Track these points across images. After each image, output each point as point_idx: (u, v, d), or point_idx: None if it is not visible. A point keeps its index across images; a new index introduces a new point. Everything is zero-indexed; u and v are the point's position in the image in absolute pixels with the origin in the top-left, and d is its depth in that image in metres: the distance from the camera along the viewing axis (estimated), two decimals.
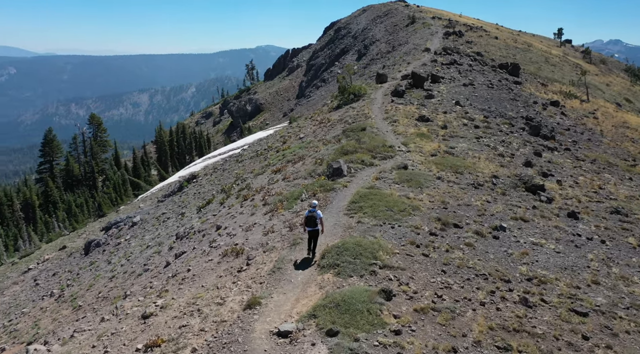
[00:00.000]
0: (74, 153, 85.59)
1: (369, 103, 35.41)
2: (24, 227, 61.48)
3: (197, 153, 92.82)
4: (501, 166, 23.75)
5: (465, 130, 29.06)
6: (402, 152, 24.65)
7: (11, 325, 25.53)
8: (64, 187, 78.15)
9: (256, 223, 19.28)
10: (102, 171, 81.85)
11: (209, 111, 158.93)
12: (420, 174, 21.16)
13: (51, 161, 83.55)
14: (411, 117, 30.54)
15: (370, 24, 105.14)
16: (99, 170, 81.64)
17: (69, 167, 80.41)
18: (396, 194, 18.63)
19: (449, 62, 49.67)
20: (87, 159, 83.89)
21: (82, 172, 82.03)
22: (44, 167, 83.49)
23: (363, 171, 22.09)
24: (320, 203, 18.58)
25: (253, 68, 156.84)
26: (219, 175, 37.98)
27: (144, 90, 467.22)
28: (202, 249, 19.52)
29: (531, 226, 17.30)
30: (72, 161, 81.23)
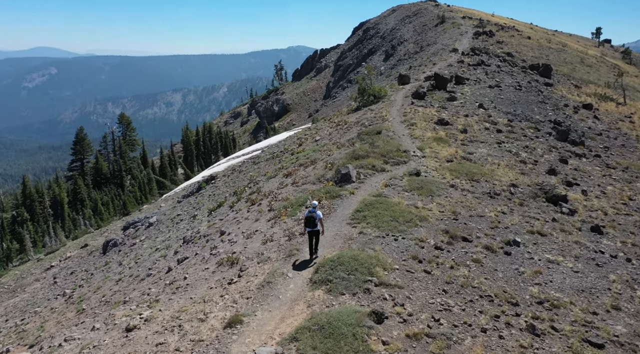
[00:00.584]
0: (103, 152, 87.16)
1: (388, 105, 34.30)
2: (51, 223, 62.79)
3: (222, 153, 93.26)
4: (522, 173, 22.33)
5: (487, 134, 27.64)
6: (417, 158, 23.52)
7: (22, 324, 25.66)
8: (93, 185, 79.67)
9: (258, 230, 18.58)
10: (129, 169, 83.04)
11: (238, 111, 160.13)
12: (433, 182, 20.02)
13: (82, 159, 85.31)
14: (430, 120, 29.30)
15: (399, 24, 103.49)
16: (126, 169, 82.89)
17: (98, 166, 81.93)
18: (404, 203, 17.58)
19: (476, 63, 47.96)
20: (115, 157, 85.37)
21: (111, 171, 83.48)
22: (75, 165, 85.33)
23: (373, 177, 21.10)
24: (324, 211, 17.71)
25: (282, 68, 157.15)
26: (235, 177, 37.57)
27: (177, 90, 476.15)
28: (202, 256, 18.95)
29: (548, 241, 15.96)
30: (101, 160, 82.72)
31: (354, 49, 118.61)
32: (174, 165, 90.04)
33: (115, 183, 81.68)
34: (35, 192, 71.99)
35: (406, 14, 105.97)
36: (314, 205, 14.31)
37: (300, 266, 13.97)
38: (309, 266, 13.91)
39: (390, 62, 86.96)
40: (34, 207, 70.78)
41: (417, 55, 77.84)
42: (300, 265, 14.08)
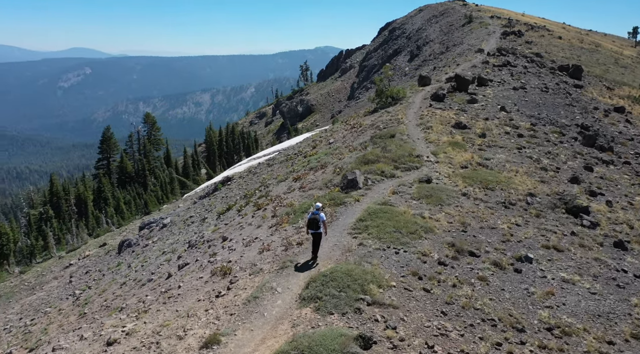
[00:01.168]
0: (129, 151, 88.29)
1: (406, 107, 33.18)
2: (73, 221, 63.77)
3: (245, 153, 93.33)
4: (541, 181, 20.96)
5: (507, 139, 26.25)
6: (430, 163, 22.42)
7: (31, 324, 25.70)
8: (118, 183, 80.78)
9: (257, 238, 17.88)
10: (153, 169, 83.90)
11: (263, 111, 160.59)
12: (444, 189, 18.92)
13: (108, 157, 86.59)
14: (447, 123, 28.08)
15: (425, 24, 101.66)
16: (149, 168, 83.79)
17: (123, 165, 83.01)
18: (410, 213, 16.57)
19: (501, 63, 46.25)
20: (140, 157, 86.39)
21: (135, 170, 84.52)
22: (102, 164, 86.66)
23: (381, 184, 20.13)
24: (327, 219, 16.88)
25: (307, 69, 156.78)
26: (249, 179, 37.08)
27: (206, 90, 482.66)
28: (201, 263, 18.37)
29: (565, 257, 14.70)
30: (126, 159, 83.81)
31: (379, 50, 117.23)
32: (197, 165, 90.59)
33: (139, 182, 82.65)
34: (62, 190, 73.38)
35: (433, 14, 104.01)
36: (317, 207, 14.04)
37: (302, 269, 13.61)
38: (311, 268, 13.58)
39: (415, 62, 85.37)
40: (60, 204, 72.17)
41: (442, 56, 76.17)
42: (302, 267, 13.70)
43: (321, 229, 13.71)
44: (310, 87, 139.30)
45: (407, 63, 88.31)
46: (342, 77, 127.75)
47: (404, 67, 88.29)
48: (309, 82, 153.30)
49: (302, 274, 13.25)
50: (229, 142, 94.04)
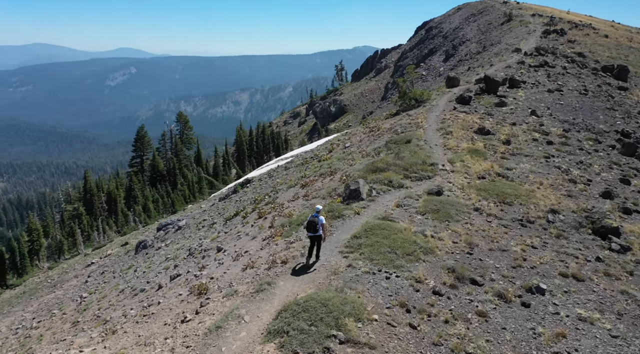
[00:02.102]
0: (162, 149, 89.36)
1: (428, 110, 31.26)
2: (100, 219, 64.65)
3: (274, 154, 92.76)
4: (568, 195, 18.78)
5: (534, 146, 24.00)
6: (445, 172, 20.60)
7: (34, 328, 25.45)
8: (150, 182, 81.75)
9: (247, 251, 16.65)
10: (182, 168, 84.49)
11: (297, 111, 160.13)
12: (454, 203, 17.11)
13: (142, 155, 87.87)
14: (469, 128, 26.05)
15: (462, 22, 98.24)
16: (180, 167, 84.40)
17: (155, 163, 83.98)
18: (411, 230, 14.91)
19: (538, 64, 43.40)
20: (171, 155, 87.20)
21: (167, 169, 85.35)
22: (135, 162, 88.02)
23: (387, 195, 18.52)
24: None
25: (342, 69, 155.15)
26: (264, 182, 36.02)
27: (244, 89, 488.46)
28: (189, 275, 17.32)
29: (585, 289, 12.72)
30: (158, 157, 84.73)
31: (415, 49, 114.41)
32: (227, 165, 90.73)
33: (170, 181, 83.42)
34: (95, 186, 74.80)
35: (471, 12, 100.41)
36: (317, 209, 13.78)
37: (298, 272, 13.23)
38: (308, 272, 13.18)
39: (450, 62, 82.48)
40: (93, 201, 73.60)
41: (479, 56, 73.17)
42: (298, 271, 13.31)
43: (320, 232, 13.41)
44: (344, 87, 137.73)
45: (442, 63, 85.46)
46: (377, 77, 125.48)
47: (438, 68, 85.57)
48: (343, 82, 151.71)
49: (276, 298, 11.90)
50: (259, 143, 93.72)
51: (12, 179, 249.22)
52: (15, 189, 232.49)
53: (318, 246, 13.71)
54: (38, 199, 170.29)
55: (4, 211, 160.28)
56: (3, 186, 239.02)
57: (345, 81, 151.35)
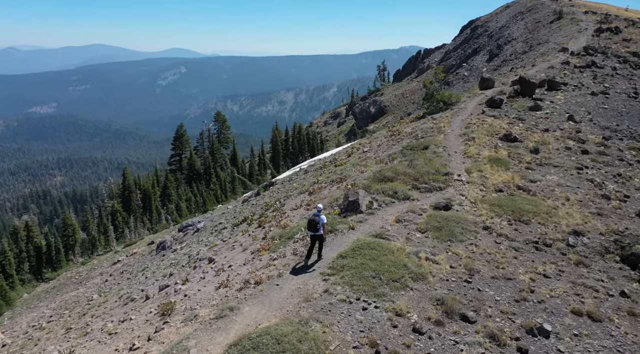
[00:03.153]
0: (200, 148, 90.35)
1: (454, 114, 29.19)
2: (132, 216, 65.64)
3: (309, 154, 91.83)
4: (598, 213, 16.48)
5: (566, 156, 21.61)
6: (460, 183, 18.72)
7: (40, 329, 25.43)
8: (186, 180, 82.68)
9: (231, 266, 15.52)
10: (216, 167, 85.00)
11: (338, 111, 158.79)
12: (460, 220, 15.28)
13: (180, 154, 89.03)
14: (494, 134, 23.89)
15: (509, 21, 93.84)
16: (215, 166, 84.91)
17: (191, 162, 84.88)
18: (405, 251, 13.29)
19: (584, 64, 40.15)
20: (207, 155, 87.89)
21: (203, 168, 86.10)
22: (174, 160, 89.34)
23: (389, 208, 16.90)
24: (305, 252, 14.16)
25: (384, 69, 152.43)
26: (283, 186, 34.93)
27: (290, 89, 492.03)
28: (171, 289, 16.37)
29: (601, 332, 10.69)
30: (195, 156, 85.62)
31: (459, 49, 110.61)
32: (263, 165, 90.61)
33: (206, 180, 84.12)
34: (133, 184, 76.32)
35: (519, 10, 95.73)
36: (319, 208, 13.48)
37: (297, 272, 12.95)
38: (307, 272, 12.82)
39: (494, 63, 78.80)
40: (131, 198, 75.13)
41: (524, 56, 69.48)
42: (298, 270, 13.01)
43: (320, 231, 13.14)
44: (385, 88, 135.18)
45: (485, 63, 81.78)
46: (418, 78, 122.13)
47: (481, 68, 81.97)
48: (385, 82, 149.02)
49: (235, 327, 10.63)
50: (294, 143, 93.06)
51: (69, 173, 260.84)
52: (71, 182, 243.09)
53: (319, 245, 13.55)
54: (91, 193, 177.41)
55: (60, 204, 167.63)
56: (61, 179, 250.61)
57: (387, 82, 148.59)
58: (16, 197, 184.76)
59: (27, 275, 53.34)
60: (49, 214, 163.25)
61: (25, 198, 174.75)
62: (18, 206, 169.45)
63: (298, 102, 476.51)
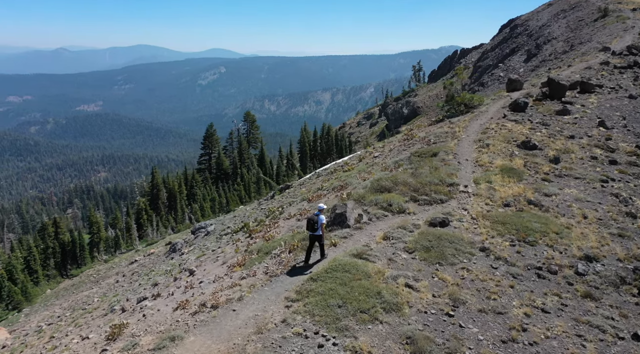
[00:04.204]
0: (229, 148, 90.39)
1: (473, 118, 27.19)
2: (154, 215, 65.93)
3: (337, 156, 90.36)
4: (619, 235, 14.40)
5: (590, 166, 19.39)
6: (464, 195, 16.97)
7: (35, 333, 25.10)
8: (214, 180, 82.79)
9: (202, 282, 14.39)
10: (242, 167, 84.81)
11: (371, 112, 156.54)
12: (455, 239, 13.59)
13: (210, 153, 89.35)
14: (512, 141, 21.85)
15: (551, 19, 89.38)
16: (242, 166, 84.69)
17: (219, 161, 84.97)
18: (384, 275, 11.79)
19: (626, 64, 37.06)
20: (235, 154, 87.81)
21: (231, 167, 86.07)
22: (203, 159, 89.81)
23: (380, 222, 15.37)
24: (280, 270, 12.88)
25: (420, 69, 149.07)
26: (293, 191, 33.73)
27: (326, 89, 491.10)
28: (143, 304, 15.40)
29: None
30: (223, 156, 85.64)
31: (496, 49, 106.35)
32: (290, 165, 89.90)
33: (234, 180, 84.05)
34: (161, 182, 77.02)
35: (562, 8, 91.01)
36: (319, 208, 13.15)
37: (292, 273, 12.55)
38: (304, 273, 12.39)
39: (532, 63, 75.21)
40: (159, 197, 75.85)
41: (564, 56, 65.90)
42: (296, 271, 12.60)
43: (319, 231, 12.78)
44: (420, 89, 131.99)
45: (522, 64, 78.08)
46: (454, 79, 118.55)
47: (517, 68, 78.48)
48: (420, 83, 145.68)
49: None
50: (323, 144, 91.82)
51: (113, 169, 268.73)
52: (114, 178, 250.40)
53: (320, 245, 13.18)
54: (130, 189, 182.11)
55: (102, 198, 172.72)
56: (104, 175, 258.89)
57: (423, 82, 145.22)
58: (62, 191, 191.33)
59: (52, 271, 54.41)
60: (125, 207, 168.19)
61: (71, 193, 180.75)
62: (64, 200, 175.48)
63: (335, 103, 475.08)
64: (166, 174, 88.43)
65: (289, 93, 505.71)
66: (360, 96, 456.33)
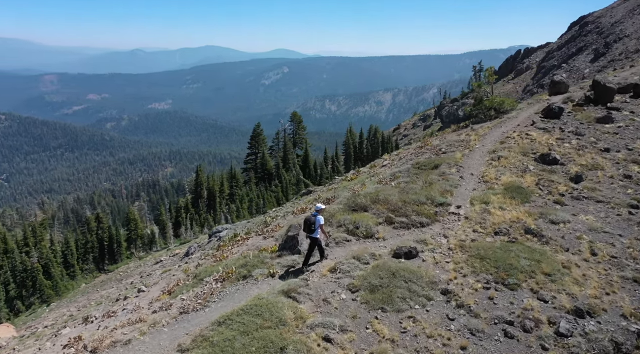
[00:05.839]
0: (275, 148, 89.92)
1: (498, 124, 23.98)
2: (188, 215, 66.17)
3: None
4: (634, 280, 11.21)
5: (620, 188, 15.91)
6: (454, 218, 14.30)
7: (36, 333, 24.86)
8: (258, 180, 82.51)
9: (125, 309, 12.83)
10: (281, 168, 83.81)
11: (427, 113, 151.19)
12: (414, 277, 11.06)
13: (256, 153, 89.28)
14: (532, 153, 18.64)
15: (625, 15, 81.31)
16: (285, 167, 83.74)
17: (264, 161, 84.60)
18: (305, 322, 9.60)
19: None
20: (280, 154, 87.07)
21: (274, 168, 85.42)
22: (250, 159, 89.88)
23: (339, 248, 13.13)
24: (196, 305, 11.02)
25: (481, 70, 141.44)
26: (308, 197, 31.77)
27: (388, 89, 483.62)
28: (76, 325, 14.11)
29: None
30: (267, 156, 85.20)
31: (563, 48, 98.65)
32: (334, 167, 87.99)
33: (278, 180, 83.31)
34: (205, 181, 77.70)
35: (638, 3, 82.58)
36: (317, 208, 12.23)
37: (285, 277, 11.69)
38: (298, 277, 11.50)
39: (599, 63, 68.66)
40: (201, 195, 76.60)
41: (636, 55, 59.95)
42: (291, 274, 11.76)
43: (316, 234, 11.95)
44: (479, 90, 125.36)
45: (588, 64, 71.41)
46: (515, 79, 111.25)
47: (582, 69, 72.04)
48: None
49: None
50: (368, 146, 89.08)
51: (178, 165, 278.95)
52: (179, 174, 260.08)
53: (319, 247, 12.32)
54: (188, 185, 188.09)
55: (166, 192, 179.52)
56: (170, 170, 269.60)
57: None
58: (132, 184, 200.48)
59: (90, 265, 55.96)
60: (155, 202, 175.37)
61: (138, 186, 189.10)
62: (132, 193, 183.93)
63: (396, 103, 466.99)
64: (212, 173, 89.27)
65: (349, 93, 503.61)
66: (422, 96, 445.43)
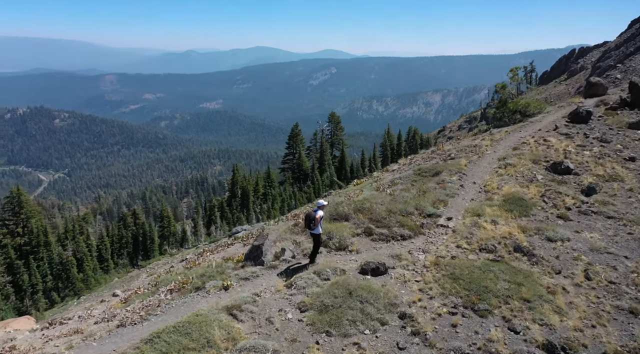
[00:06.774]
0: (312, 148, 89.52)
1: (518, 129, 22.24)
2: (228, 213, 66.69)
3: None
4: (630, 311, 9.59)
5: (637, 203, 14.05)
6: (441, 231, 13.10)
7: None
8: (294, 180, 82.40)
9: (81, 316, 12.47)
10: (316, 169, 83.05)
11: (474, 115, 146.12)
12: (372, 298, 9.96)
13: (294, 153, 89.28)
14: (543, 161, 16.95)
15: None
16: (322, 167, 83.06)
17: (300, 162, 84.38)
18: (236, 345, 8.76)
19: None
20: (316, 155, 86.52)
21: (310, 168, 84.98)
22: (288, 159, 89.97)
23: (306, 261, 12.21)
24: (136, 317, 10.46)
25: (532, 70, 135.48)
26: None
27: (437, 90, 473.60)
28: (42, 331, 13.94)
29: None
30: (304, 156, 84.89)
31: (621, 47, 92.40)
32: (372, 169, 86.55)
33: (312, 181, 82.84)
34: (242, 180, 78.35)
35: None
36: (319, 204, 11.91)
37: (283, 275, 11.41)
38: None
39: None
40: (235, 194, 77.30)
41: None
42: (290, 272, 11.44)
43: (317, 230, 11.55)
44: (529, 92, 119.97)
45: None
46: (568, 81, 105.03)
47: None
48: (532, 85, 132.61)
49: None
50: (406, 148, 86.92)
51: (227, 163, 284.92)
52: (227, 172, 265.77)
53: (314, 244, 11.80)
54: None
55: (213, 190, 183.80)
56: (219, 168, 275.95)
57: (534, 84, 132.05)
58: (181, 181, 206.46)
59: (124, 260, 57.51)
60: (203, 199, 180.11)
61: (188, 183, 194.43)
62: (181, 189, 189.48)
63: (445, 104, 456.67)
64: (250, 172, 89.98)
65: (397, 94, 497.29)
66: (473, 97, 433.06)
